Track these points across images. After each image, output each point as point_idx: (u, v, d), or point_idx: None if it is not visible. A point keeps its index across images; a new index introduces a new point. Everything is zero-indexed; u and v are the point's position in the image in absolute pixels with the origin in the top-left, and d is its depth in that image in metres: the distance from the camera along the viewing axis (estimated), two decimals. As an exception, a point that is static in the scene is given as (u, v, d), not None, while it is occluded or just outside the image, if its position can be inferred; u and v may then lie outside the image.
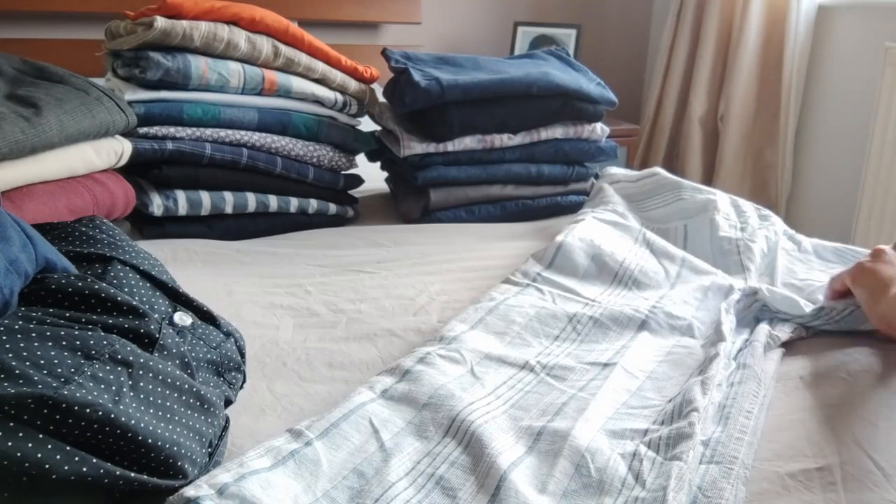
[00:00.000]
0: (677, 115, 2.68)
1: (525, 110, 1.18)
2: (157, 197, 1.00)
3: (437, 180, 1.16)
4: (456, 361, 0.66)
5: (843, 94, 2.26)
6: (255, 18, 1.04)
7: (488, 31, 2.73)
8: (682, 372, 0.70)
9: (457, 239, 1.07)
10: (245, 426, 0.59)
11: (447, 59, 1.24)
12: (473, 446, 0.55)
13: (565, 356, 0.71)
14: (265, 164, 1.06)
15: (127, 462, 0.45)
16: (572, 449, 0.55)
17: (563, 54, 1.35)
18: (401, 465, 0.53)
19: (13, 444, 0.40)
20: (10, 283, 0.49)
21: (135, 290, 0.57)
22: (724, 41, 2.52)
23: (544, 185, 1.24)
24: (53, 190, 0.83)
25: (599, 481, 0.52)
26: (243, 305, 0.81)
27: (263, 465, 0.50)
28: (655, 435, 0.57)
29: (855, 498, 0.53)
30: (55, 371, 0.44)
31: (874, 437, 0.60)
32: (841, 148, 2.24)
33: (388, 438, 0.56)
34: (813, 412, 0.64)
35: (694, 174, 2.62)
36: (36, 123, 0.78)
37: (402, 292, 0.86)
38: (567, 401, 0.63)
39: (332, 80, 1.12)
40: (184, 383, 0.51)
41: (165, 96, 1.01)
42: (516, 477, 0.52)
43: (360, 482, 0.51)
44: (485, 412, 0.59)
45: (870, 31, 2.16)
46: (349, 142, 1.17)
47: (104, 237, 0.61)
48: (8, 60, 0.93)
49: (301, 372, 0.69)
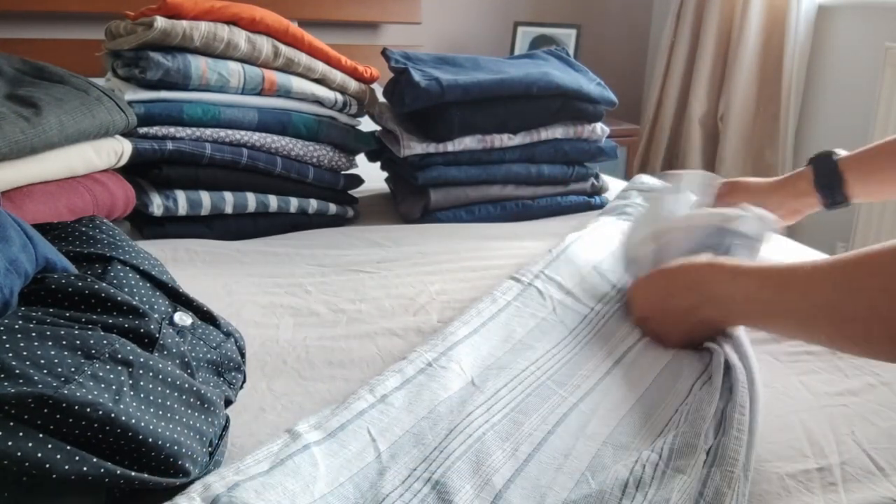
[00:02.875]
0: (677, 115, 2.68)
1: (525, 110, 1.18)
2: (157, 197, 1.00)
3: (437, 180, 1.16)
4: (457, 373, 0.66)
5: (843, 94, 2.26)
6: (255, 18, 1.04)
7: (488, 31, 2.73)
8: (687, 376, 0.69)
9: (457, 239, 1.07)
10: (245, 425, 0.59)
11: (447, 59, 1.24)
12: (470, 456, 0.55)
13: (566, 362, 0.70)
14: (265, 164, 1.06)
15: (127, 461, 0.45)
16: (573, 468, 0.55)
17: (563, 54, 1.35)
18: (397, 475, 0.53)
19: (13, 444, 0.40)
20: (10, 283, 0.49)
21: (135, 290, 0.57)
22: (724, 41, 2.52)
23: (544, 185, 1.24)
24: (53, 190, 0.83)
25: (600, 492, 0.52)
26: (243, 305, 0.81)
27: (261, 470, 0.50)
28: (660, 441, 0.57)
29: (855, 498, 0.53)
30: (55, 370, 0.44)
31: (874, 437, 0.60)
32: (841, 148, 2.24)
33: (385, 448, 0.55)
34: (813, 412, 0.64)
35: (694, 174, 2.61)
36: (36, 123, 0.78)
37: (402, 292, 0.86)
38: (568, 412, 0.62)
39: (332, 80, 1.12)
40: (184, 383, 0.51)
41: (165, 96, 1.01)
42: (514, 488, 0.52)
43: (356, 494, 0.51)
44: (484, 421, 0.59)
45: (870, 31, 2.16)
46: (349, 142, 1.17)
47: (104, 237, 0.61)
48: (8, 60, 0.93)
49: (301, 370, 0.69)
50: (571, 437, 0.58)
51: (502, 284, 0.83)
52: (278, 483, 0.49)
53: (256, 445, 0.55)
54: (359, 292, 0.85)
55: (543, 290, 0.83)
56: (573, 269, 0.89)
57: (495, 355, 0.70)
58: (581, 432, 0.59)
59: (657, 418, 0.62)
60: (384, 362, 0.70)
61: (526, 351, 0.71)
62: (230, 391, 0.59)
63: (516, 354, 0.71)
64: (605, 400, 0.64)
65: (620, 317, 0.81)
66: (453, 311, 0.81)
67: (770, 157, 2.43)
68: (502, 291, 0.81)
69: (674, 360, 0.72)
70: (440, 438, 0.57)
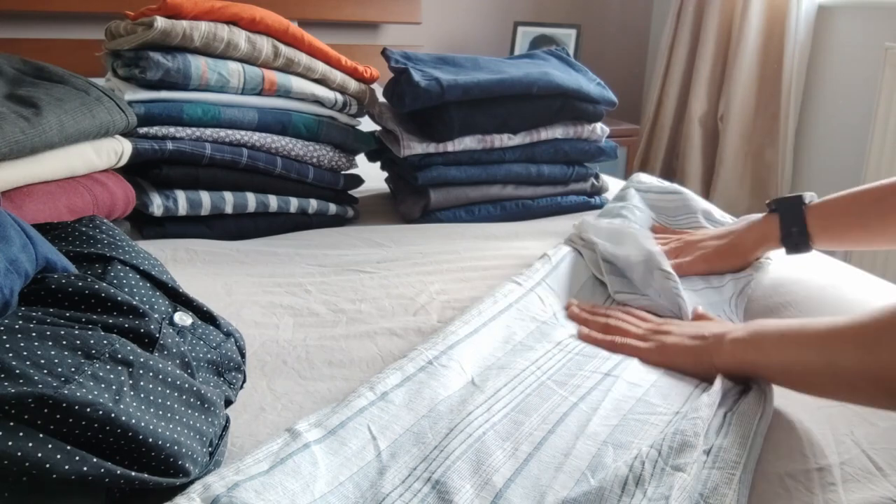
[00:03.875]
0: (677, 115, 2.68)
1: (525, 110, 1.18)
2: (157, 197, 1.00)
3: (437, 180, 1.16)
4: (457, 372, 0.66)
5: (843, 94, 2.26)
6: (255, 18, 1.04)
7: (488, 31, 2.73)
8: (689, 379, 0.69)
9: (457, 239, 1.07)
10: (245, 425, 0.59)
11: (447, 59, 1.24)
12: (471, 456, 0.55)
13: (566, 362, 0.70)
14: (265, 164, 1.06)
15: (128, 461, 0.45)
16: (573, 467, 0.55)
17: (563, 54, 1.35)
18: (397, 474, 0.53)
19: (13, 444, 0.40)
20: (10, 283, 0.49)
21: (135, 290, 0.57)
22: (724, 41, 2.52)
23: (544, 185, 1.24)
24: (53, 190, 0.83)
25: (599, 489, 0.52)
26: (243, 305, 0.81)
27: (261, 470, 0.50)
28: (659, 439, 0.57)
29: (854, 498, 0.53)
30: (55, 370, 0.44)
31: (874, 438, 0.60)
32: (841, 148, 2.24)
33: (386, 447, 0.55)
34: (813, 412, 0.64)
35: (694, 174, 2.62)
36: (36, 123, 0.78)
37: (402, 292, 0.86)
38: (568, 411, 0.62)
39: (332, 80, 1.12)
40: (184, 383, 0.51)
41: (165, 96, 1.01)
42: (515, 488, 0.52)
43: (356, 493, 0.51)
44: (484, 420, 0.59)
45: (870, 31, 2.16)
46: (349, 142, 1.17)
47: (104, 237, 0.61)
48: (8, 60, 0.93)
49: (301, 370, 0.69)
50: (572, 437, 0.58)
51: (503, 287, 0.83)
52: (278, 483, 0.49)
53: (256, 445, 0.55)
54: (359, 292, 0.85)
55: (544, 297, 0.83)
56: (573, 279, 0.89)
57: (496, 355, 0.70)
58: (581, 432, 0.59)
59: (658, 419, 0.62)
60: (384, 362, 0.70)
61: (526, 351, 0.71)
62: (230, 391, 0.59)
63: (516, 354, 0.71)
64: (606, 400, 0.64)
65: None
66: (453, 311, 0.81)
67: (770, 157, 2.43)
68: (503, 293, 0.81)
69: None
70: (440, 438, 0.57)
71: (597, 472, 0.54)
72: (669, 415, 0.63)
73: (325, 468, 0.52)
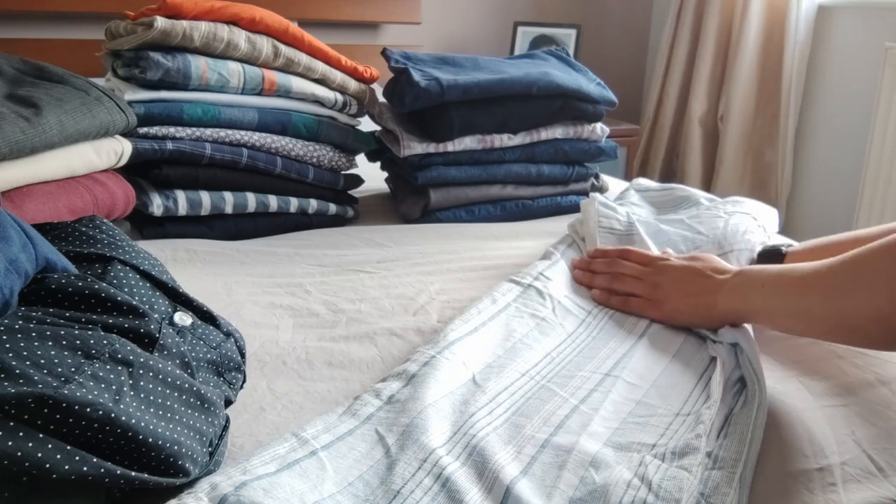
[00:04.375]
0: (677, 115, 2.69)
1: (525, 110, 1.18)
2: (157, 197, 1.00)
3: (437, 180, 1.16)
4: (459, 367, 0.66)
5: (843, 94, 2.26)
6: (255, 18, 1.04)
7: (488, 31, 2.73)
8: (688, 378, 0.69)
9: (457, 239, 1.07)
10: (245, 425, 0.59)
11: (447, 59, 1.24)
12: (476, 460, 0.55)
13: (566, 364, 0.70)
14: (265, 164, 1.06)
15: (128, 461, 0.45)
16: (576, 463, 0.55)
17: (562, 54, 1.35)
18: (407, 469, 0.53)
19: (13, 444, 0.40)
20: (10, 283, 0.49)
21: (135, 290, 0.57)
22: (724, 41, 2.52)
23: (544, 185, 1.24)
24: (53, 190, 0.83)
25: (605, 485, 0.52)
26: (243, 305, 0.81)
27: (268, 471, 0.50)
28: (662, 448, 0.57)
29: (855, 498, 0.53)
30: (55, 370, 0.44)
31: (874, 438, 0.60)
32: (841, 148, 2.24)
33: (394, 442, 0.55)
34: (813, 412, 0.64)
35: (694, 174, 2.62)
36: (36, 123, 0.78)
37: (402, 292, 0.86)
38: (570, 413, 0.62)
39: (332, 80, 1.12)
40: (184, 383, 0.51)
41: (165, 96, 1.01)
42: (522, 487, 0.52)
43: (366, 491, 0.51)
44: (486, 423, 0.59)
45: (870, 31, 2.16)
46: (349, 142, 1.17)
47: (104, 237, 0.61)
48: (8, 60, 0.93)
49: (301, 371, 0.69)
50: (573, 436, 0.58)
51: (502, 286, 0.83)
52: (286, 483, 0.49)
53: (256, 445, 0.55)
54: (359, 292, 0.85)
55: (543, 289, 0.83)
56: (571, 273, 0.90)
57: (496, 353, 0.70)
58: (583, 431, 0.59)
59: (658, 420, 0.62)
60: (384, 363, 0.70)
61: (526, 351, 0.71)
62: (230, 391, 0.59)
63: (516, 354, 0.71)
64: (606, 401, 0.64)
65: (619, 319, 0.81)
66: (453, 311, 0.81)
67: (770, 157, 2.43)
68: (502, 293, 0.81)
69: (674, 361, 0.73)
70: (447, 437, 0.57)
71: (600, 470, 0.54)
72: (669, 416, 0.63)
73: (334, 471, 0.52)
